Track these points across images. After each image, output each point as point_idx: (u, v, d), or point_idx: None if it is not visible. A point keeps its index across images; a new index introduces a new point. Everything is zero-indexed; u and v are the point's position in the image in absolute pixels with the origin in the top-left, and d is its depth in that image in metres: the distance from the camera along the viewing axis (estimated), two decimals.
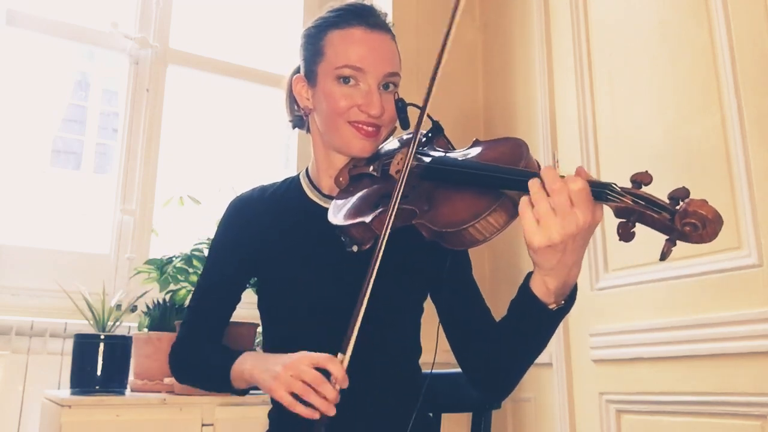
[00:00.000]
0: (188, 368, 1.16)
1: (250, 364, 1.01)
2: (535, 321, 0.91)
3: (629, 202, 0.77)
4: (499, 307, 1.03)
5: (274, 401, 1.14)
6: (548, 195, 0.79)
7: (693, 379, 1.62)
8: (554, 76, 2.19)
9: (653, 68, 1.84)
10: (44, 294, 1.91)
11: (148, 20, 2.29)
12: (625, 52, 1.94)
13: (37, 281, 1.93)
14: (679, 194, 0.75)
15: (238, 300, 1.20)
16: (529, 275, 0.89)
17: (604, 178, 1.92)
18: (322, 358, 0.89)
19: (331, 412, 0.87)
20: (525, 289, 0.89)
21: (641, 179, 0.77)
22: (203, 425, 1.54)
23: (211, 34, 2.51)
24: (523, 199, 0.81)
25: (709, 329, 1.59)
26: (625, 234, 0.77)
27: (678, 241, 0.75)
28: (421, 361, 1.17)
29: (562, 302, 0.89)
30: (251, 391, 1.67)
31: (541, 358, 2.00)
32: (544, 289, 0.87)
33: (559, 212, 0.78)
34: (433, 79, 0.94)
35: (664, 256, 0.76)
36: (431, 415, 1.22)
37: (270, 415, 1.16)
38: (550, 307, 0.88)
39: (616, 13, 2.00)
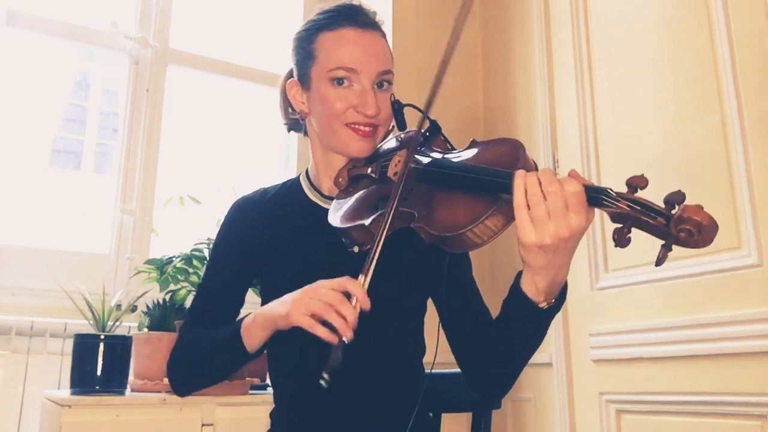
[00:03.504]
0: (192, 362, 1.10)
1: (259, 311, 0.99)
2: (527, 320, 0.91)
3: (625, 207, 0.76)
4: (499, 306, 1.03)
5: (277, 400, 1.14)
6: (544, 197, 0.79)
7: (693, 379, 1.62)
8: (554, 76, 2.19)
9: (653, 68, 1.84)
10: (44, 294, 1.91)
11: (148, 20, 2.29)
12: (625, 52, 1.94)
13: (37, 281, 1.93)
14: (675, 198, 0.75)
15: (242, 302, 1.19)
16: (520, 274, 0.90)
17: (604, 176, 1.96)
18: (340, 279, 0.88)
19: (350, 334, 0.84)
20: (516, 288, 0.90)
21: (637, 183, 0.77)
22: (203, 425, 1.54)
23: (211, 34, 2.51)
24: (519, 199, 0.80)
25: (709, 329, 1.59)
26: (621, 239, 0.77)
27: (674, 246, 0.75)
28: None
29: (553, 300, 0.89)
30: (250, 392, 1.68)
31: (541, 358, 2.04)
32: (533, 288, 0.88)
33: (554, 215, 0.78)
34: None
35: (660, 262, 0.75)
36: (431, 414, 1.22)
37: (272, 414, 1.16)
38: (540, 305, 0.89)
39: (616, 13, 2.00)
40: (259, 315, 0.98)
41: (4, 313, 1.84)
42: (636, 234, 0.77)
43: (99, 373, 1.57)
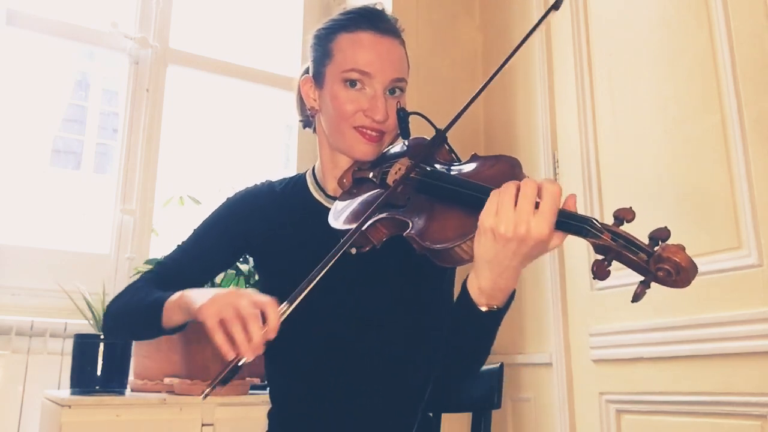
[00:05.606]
0: (123, 305, 1.10)
1: (186, 292, 0.97)
2: (467, 319, 0.90)
3: (608, 239, 0.76)
4: None
5: (274, 400, 1.14)
6: (517, 189, 0.79)
7: (693, 379, 1.62)
8: (554, 76, 2.19)
9: (653, 68, 1.84)
10: (44, 294, 1.91)
11: (148, 20, 2.29)
12: (625, 52, 1.94)
13: (37, 281, 1.93)
14: (659, 235, 0.75)
15: (210, 278, 1.21)
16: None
17: (604, 176, 1.95)
18: (265, 300, 0.86)
19: (248, 354, 0.81)
20: (463, 286, 0.90)
21: (623, 216, 0.77)
22: (203, 425, 1.54)
23: (211, 34, 2.51)
24: (489, 207, 0.80)
25: (709, 329, 1.59)
26: (600, 272, 0.76)
27: (652, 284, 0.75)
28: None
29: (495, 308, 0.88)
30: (250, 392, 1.68)
31: (541, 358, 2.04)
32: (476, 288, 0.87)
33: (519, 208, 0.78)
34: (466, 106, 0.94)
35: (636, 298, 0.75)
36: (431, 415, 1.22)
37: (269, 415, 1.16)
38: (480, 307, 0.87)
39: (616, 13, 2.00)
40: (183, 296, 0.96)
41: (4, 313, 1.84)
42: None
43: (99, 373, 1.58)
